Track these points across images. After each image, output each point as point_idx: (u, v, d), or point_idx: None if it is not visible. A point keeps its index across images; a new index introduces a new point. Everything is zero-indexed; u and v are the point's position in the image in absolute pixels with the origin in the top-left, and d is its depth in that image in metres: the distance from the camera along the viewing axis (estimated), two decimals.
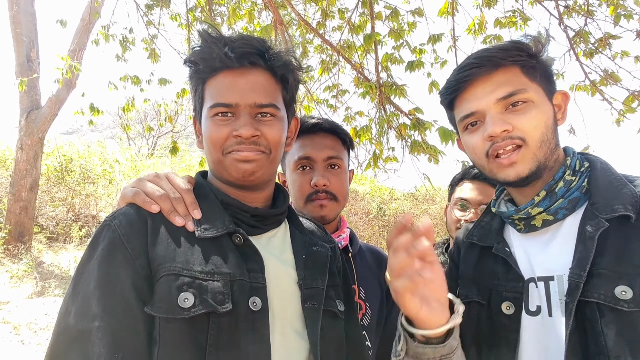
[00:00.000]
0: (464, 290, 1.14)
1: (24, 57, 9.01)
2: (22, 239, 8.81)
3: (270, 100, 1.03)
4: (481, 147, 1.05)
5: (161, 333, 0.86)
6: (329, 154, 1.47)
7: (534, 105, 1.02)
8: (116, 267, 0.88)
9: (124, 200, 1.01)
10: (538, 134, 1.00)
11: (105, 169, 11.51)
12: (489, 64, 1.03)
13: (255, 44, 1.04)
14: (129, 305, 0.86)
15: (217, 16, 3.92)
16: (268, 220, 1.09)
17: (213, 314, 0.88)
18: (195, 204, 1.01)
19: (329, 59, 4.05)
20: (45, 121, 9.10)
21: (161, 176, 1.06)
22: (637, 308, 0.85)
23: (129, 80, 4.11)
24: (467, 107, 1.06)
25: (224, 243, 0.96)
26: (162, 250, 0.91)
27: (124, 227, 0.92)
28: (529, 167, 1.01)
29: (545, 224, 1.04)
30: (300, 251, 1.09)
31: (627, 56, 3.83)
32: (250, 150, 1.00)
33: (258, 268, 0.97)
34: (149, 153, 18.87)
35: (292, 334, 0.99)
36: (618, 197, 0.97)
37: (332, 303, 1.07)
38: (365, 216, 12.04)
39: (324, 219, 1.44)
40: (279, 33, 3.42)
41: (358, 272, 1.50)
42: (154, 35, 4.16)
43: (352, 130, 3.72)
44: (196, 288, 0.88)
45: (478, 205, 1.83)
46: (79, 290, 0.87)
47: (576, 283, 0.92)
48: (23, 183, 8.94)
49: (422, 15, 3.55)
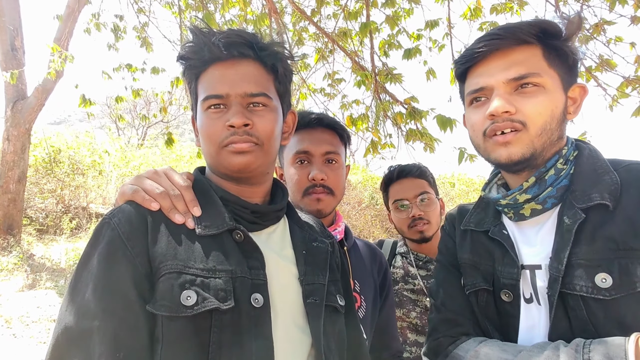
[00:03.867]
0: (469, 280, 1.13)
1: (8, 46, 8.79)
2: (12, 231, 8.69)
3: (261, 89, 1.03)
4: (480, 125, 1.03)
5: (164, 331, 0.86)
6: (327, 149, 1.49)
7: (544, 91, 0.98)
8: (117, 265, 0.88)
9: (122, 198, 1.00)
10: (540, 121, 0.97)
11: (94, 160, 11.35)
12: (512, 39, 0.99)
13: (245, 35, 1.04)
14: (129, 303, 0.86)
15: (209, 2, 3.84)
16: (267, 216, 1.08)
17: (216, 311, 0.88)
18: (195, 201, 1.01)
19: (325, 47, 4.00)
20: (32, 111, 8.93)
21: (160, 173, 1.05)
22: (618, 294, 0.85)
23: (123, 69, 4.02)
24: (477, 82, 1.03)
25: (224, 240, 0.96)
26: (162, 248, 0.91)
27: (123, 225, 0.91)
28: (522, 152, 0.98)
29: (534, 213, 1.03)
30: (300, 247, 1.10)
31: (621, 41, 3.85)
32: (244, 142, 0.99)
33: (259, 265, 0.97)
34: (139, 143, 18.65)
35: (294, 329, 0.99)
36: (597, 184, 0.96)
37: (333, 298, 1.08)
38: (358, 205, 12.07)
39: (321, 212, 1.46)
40: (274, 21, 3.37)
41: (353, 266, 1.52)
42: (145, 23, 4.07)
43: (349, 118, 3.70)
44: (198, 286, 0.88)
45: (414, 199, 1.93)
46: (79, 290, 0.86)
47: (555, 276, 0.92)
48: (11, 175, 8.79)
49: (419, 3, 3.52)
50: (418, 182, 1.96)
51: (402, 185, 1.97)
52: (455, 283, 1.17)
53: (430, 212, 1.92)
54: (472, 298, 1.11)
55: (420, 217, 1.91)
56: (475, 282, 1.11)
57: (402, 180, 1.98)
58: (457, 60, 1.09)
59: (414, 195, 1.93)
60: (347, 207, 11.84)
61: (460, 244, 1.20)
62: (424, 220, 1.91)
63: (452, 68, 1.18)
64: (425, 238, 1.92)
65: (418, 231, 1.91)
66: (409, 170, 1.98)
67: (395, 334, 1.66)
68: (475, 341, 1.04)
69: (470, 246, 1.16)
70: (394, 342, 1.63)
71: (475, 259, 1.13)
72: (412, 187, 1.95)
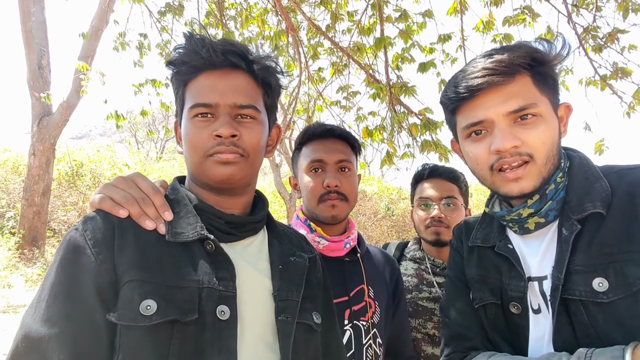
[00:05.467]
0: (477, 294, 1.15)
1: (36, 64, 9.16)
2: (36, 243, 8.95)
3: (250, 101, 1.02)
4: (485, 159, 1.03)
5: (121, 341, 0.83)
6: (340, 157, 1.55)
7: (542, 120, 0.99)
8: (79, 272, 0.86)
9: (92, 207, 0.99)
10: (545, 150, 0.99)
11: (115, 173, 11.66)
12: (507, 72, 0.99)
13: (238, 46, 1.04)
14: (90, 311, 0.84)
15: (229, 20, 3.99)
16: (244, 227, 1.06)
17: (177, 322, 0.85)
18: (166, 205, 0.99)
19: (340, 61, 4.10)
20: (57, 127, 9.25)
21: (127, 180, 1.04)
22: (615, 296, 0.89)
23: (148, 84, 4.20)
24: (475, 115, 1.02)
25: (195, 249, 0.94)
26: (129, 256, 0.88)
27: (90, 232, 0.90)
28: (533, 184, 1.00)
29: (538, 227, 1.05)
30: (277, 261, 1.07)
31: (635, 49, 3.85)
32: (230, 152, 0.98)
33: (229, 276, 0.94)
34: (158, 156, 19.03)
35: (261, 346, 0.96)
36: (589, 193, 0.98)
37: (308, 315, 1.05)
38: (374, 216, 12.07)
39: (335, 218, 1.51)
40: (291, 38, 3.48)
41: (367, 272, 1.57)
42: (167, 40, 4.25)
43: (365, 130, 3.77)
44: (161, 295, 0.85)
45: (439, 201, 1.87)
46: (43, 296, 0.85)
47: (556, 284, 0.96)
48: (36, 188, 9.08)
49: (432, 17, 3.59)
50: (448, 185, 1.89)
51: (431, 184, 1.91)
52: (464, 298, 1.18)
53: (453, 217, 1.84)
54: (481, 312, 1.13)
55: (441, 219, 1.84)
56: (483, 296, 1.12)
57: (432, 179, 1.92)
58: (449, 95, 1.07)
59: (440, 197, 1.86)
60: (362, 217, 11.84)
61: (468, 260, 1.21)
62: (443, 224, 1.84)
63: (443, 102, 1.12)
64: (440, 241, 1.85)
65: (435, 232, 1.85)
66: (442, 171, 1.92)
67: (408, 339, 1.70)
68: (484, 356, 1.07)
69: (477, 261, 1.17)
70: (407, 347, 1.68)
71: (483, 274, 1.14)
72: (440, 188, 1.88)
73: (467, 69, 1.05)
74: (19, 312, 6.49)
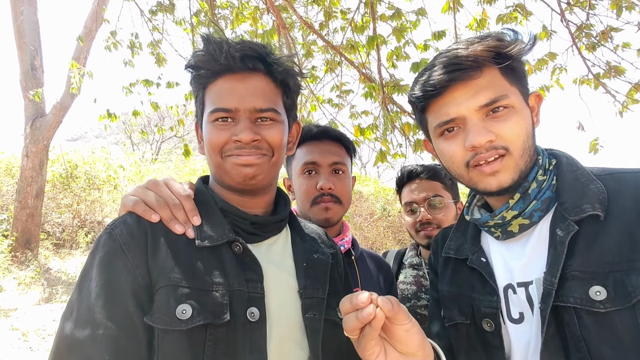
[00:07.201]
0: (447, 312, 1.11)
1: (28, 66, 9.09)
2: (29, 245, 8.86)
3: (270, 104, 1.02)
4: (460, 157, 0.99)
5: (160, 344, 0.86)
6: (334, 160, 1.54)
7: (515, 111, 0.97)
8: (117, 275, 0.89)
9: (124, 209, 1.02)
10: (520, 142, 0.96)
11: (110, 175, 11.58)
12: (474, 66, 0.96)
13: (257, 48, 1.04)
14: (129, 313, 0.87)
15: (220, 19, 3.96)
16: (268, 227, 1.08)
17: (210, 325, 0.87)
18: (195, 210, 1.01)
19: (333, 59, 4.08)
20: (50, 128, 9.17)
21: (160, 183, 1.06)
22: (612, 307, 0.83)
23: (139, 84, 4.17)
24: (446, 113, 0.99)
25: (223, 252, 0.96)
26: (161, 260, 0.91)
27: (124, 236, 0.92)
28: (512, 177, 0.97)
29: (522, 229, 1.01)
30: (301, 259, 1.08)
31: (629, 48, 3.84)
32: (251, 155, 1.00)
33: (257, 277, 0.96)
34: (153, 158, 18.96)
35: (290, 344, 0.98)
36: (585, 195, 0.94)
37: (333, 312, 1.06)
38: (370, 217, 12.04)
39: (329, 221, 1.49)
40: (282, 36, 3.46)
41: (361, 275, 1.55)
42: (159, 40, 4.21)
43: (357, 128, 3.75)
44: (194, 299, 0.88)
45: (423, 202, 1.84)
46: (82, 297, 0.87)
47: (548, 290, 0.90)
48: (29, 190, 9.00)
49: (425, 15, 3.58)
50: (429, 184, 1.86)
51: (412, 187, 1.88)
52: (440, 318, 1.15)
53: (441, 216, 1.82)
54: (452, 331, 1.10)
55: (429, 221, 1.81)
56: (451, 315, 1.09)
57: (412, 182, 1.90)
58: (416, 94, 1.04)
59: (424, 198, 1.83)
60: (359, 218, 11.81)
61: (442, 274, 1.18)
62: (433, 225, 1.81)
63: (411, 101, 1.09)
64: None
65: (426, 236, 1.81)
66: (420, 172, 1.89)
67: None
68: None
69: (450, 276, 1.14)
70: None
71: (455, 290, 1.11)
72: (422, 189, 1.85)
73: (433, 64, 1.01)
74: (10, 315, 6.42)
